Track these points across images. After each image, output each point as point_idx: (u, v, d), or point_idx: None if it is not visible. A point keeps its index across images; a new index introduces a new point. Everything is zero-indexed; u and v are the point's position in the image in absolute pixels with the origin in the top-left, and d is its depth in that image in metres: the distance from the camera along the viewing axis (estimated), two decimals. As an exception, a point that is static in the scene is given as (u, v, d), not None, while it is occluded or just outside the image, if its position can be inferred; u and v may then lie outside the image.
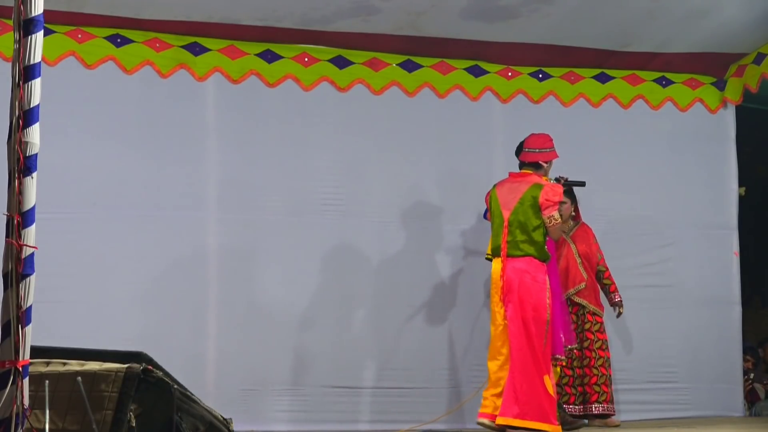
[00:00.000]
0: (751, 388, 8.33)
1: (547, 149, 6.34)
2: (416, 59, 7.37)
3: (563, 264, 6.89)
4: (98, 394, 3.74)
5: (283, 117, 7.08)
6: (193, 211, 6.88)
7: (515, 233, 6.06)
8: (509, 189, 6.21)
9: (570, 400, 6.77)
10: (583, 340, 6.85)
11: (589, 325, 6.88)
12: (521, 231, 6.05)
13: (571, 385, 6.80)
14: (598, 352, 6.82)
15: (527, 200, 6.10)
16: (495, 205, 6.24)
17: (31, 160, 3.16)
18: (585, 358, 6.82)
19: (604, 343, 6.90)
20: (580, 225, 7.10)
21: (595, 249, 7.04)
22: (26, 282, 3.13)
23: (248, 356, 6.86)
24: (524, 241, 6.04)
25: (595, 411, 6.79)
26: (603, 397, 6.79)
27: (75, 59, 6.70)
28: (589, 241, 7.04)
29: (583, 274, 6.91)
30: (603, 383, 6.81)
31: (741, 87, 7.85)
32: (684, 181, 7.84)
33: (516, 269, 6.02)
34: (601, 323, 6.91)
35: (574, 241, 6.99)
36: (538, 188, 6.11)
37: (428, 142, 7.26)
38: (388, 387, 7.00)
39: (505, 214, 6.13)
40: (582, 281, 6.90)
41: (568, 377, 6.79)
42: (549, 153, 6.35)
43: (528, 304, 5.96)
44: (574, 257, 6.94)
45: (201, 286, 6.85)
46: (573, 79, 7.69)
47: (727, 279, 7.87)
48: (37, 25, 3.22)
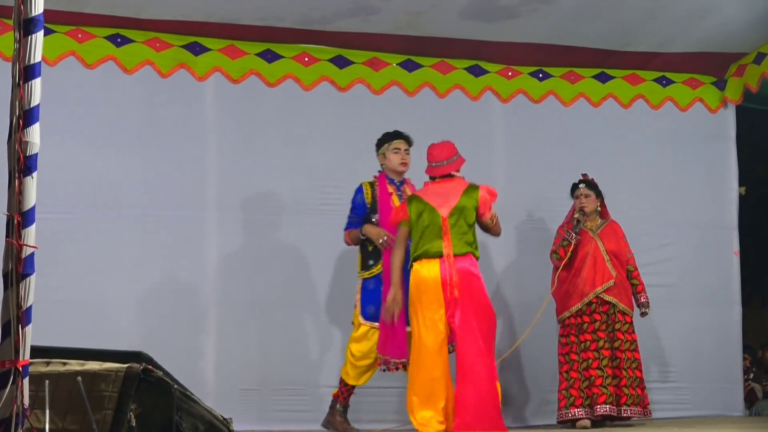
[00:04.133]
0: (750, 388, 8.32)
1: (454, 158, 6.00)
2: (416, 59, 7.37)
3: (590, 262, 6.76)
4: (98, 394, 3.73)
5: (283, 117, 7.08)
6: (193, 211, 6.88)
7: (457, 231, 5.77)
8: (439, 193, 5.91)
9: (599, 399, 6.57)
10: (614, 340, 6.69)
11: (619, 325, 6.71)
12: (463, 229, 5.78)
13: (601, 385, 6.61)
14: (627, 354, 6.66)
15: (467, 201, 5.83)
16: (425, 209, 5.84)
17: (32, 160, 3.16)
18: (616, 359, 6.66)
19: (633, 344, 6.73)
20: (608, 222, 6.96)
21: (624, 247, 6.90)
22: (26, 282, 3.13)
23: (248, 356, 6.86)
24: (466, 239, 5.77)
25: (624, 414, 6.63)
26: (631, 400, 6.61)
27: (75, 59, 6.70)
28: (619, 238, 6.90)
29: (611, 272, 6.74)
30: (631, 385, 6.63)
31: (741, 87, 7.85)
32: (684, 181, 7.84)
33: (462, 270, 5.71)
34: (630, 323, 6.75)
35: (602, 238, 6.83)
36: (474, 189, 5.88)
37: (428, 142, 7.24)
38: (388, 387, 7.00)
39: (444, 213, 5.80)
40: (611, 279, 6.73)
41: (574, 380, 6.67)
42: (457, 161, 6.01)
43: (479, 307, 5.72)
44: (602, 255, 6.78)
45: (201, 286, 6.86)
46: (573, 79, 7.69)
47: (727, 279, 7.87)
48: (37, 25, 3.21)
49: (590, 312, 6.73)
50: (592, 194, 6.89)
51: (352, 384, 6.26)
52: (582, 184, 6.94)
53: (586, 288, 6.75)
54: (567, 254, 6.78)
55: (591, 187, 6.93)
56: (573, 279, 6.81)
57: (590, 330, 6.71)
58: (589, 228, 6.89)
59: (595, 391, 6.62)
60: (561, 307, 6.85)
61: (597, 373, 6.62)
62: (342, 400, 6.27)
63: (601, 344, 6.66)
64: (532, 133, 7.52)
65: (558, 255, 6.85)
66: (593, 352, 6.66)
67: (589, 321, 6.72)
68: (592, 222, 6.92)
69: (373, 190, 6.28)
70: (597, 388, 6.62)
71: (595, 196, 6.91)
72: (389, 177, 6.32)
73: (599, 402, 6.59)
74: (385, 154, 6.33)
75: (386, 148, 6.33)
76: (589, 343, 6.69)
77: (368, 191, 6.28)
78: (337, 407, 6.26)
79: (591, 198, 6.88)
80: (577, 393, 6.66)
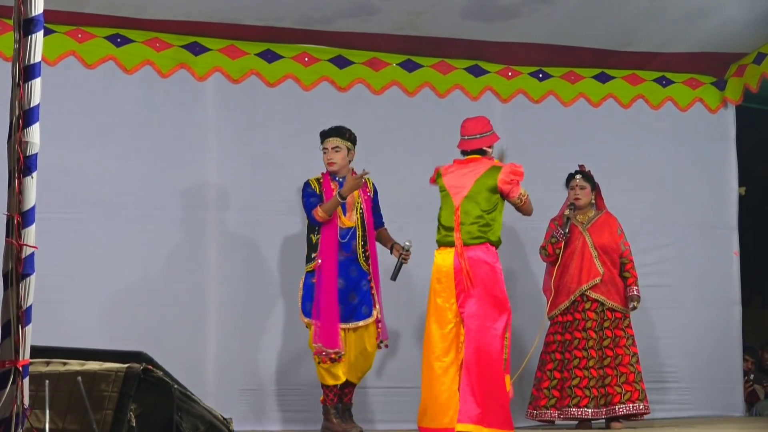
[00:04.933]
0: (752, 390, 8.31)
1: (488, 133, 5.91)
2: (416, 59, 7.37)
3: (577, 258, 6.67)
4: (98, 394, 3.73)
5: (283, 117, 7.08)
6: (193, 211, 6.89)
7: (468, 221, 5.69)
8: (458, 175, 5.83)
9: (581, 403, 6.53)
10: (603, 338, 6.59)
11: (608, 323, 6.60)
12: (476, 217, 5.69)
13: (585, 387, 6.54)
14: (618, 350, 6.56)
15: (483, 185, 5.74)
16: (443, 190, 5.85)
17: (31, 160, 3.16)
18: (606, 358, 6.56)
19: (629, 339, 6.61)
20: (601, 215, 6.83)
21: (618, 240, 6.76)
22: (26, 282, 3.13)
23: (248, 356, 6.86)
24: (480, 227, 5.70)
25: (620, 412, 6.51)
26: (626, 397, 6.50)
27: (75, 59, 6.70)
28: (612, 232, 6.77)
29: (599, 268, 6.63)
30: (626, 382, 6.53)
31: (741, 87, 7.85)
32: (684, 181, 7.84)
33: (474, 259, 5.63)
34: (620, 318, 6.62)
35: (591, 233, 6.72)
36: (495, 170, 5.78)
37: (428, 142, 7.26)
38: (389, 386, 7.00)
39: (456, 202, 5.74)
40: (597, 276, 6.62)
41: (557, 380, 6.61)
42: (490, 137, 5.92)
43: (490, 296, 5.60)
44: (590, 250, 6.67)
45: (201, 286, 6.86)
46: (573, 79, 7.69)
47: (727, 279, 7.87)
48: (37, 25, 3.21)
49: (582, 309, 6.64)
50: (588, 186, 6.81)
51: (331, 383, 6.16)
52: (578, 175, 6.86)
53: (572, 285, 6.67)
54: (555, 251, 6.73)
55: (586, 179, 6.84)
56: (562, 276, 6.72)
57: (580, 328, 6.62)
58: (579, 222, 6.79)
59: (577, 393, 6.55)
60: (551, 304, 6.75)
61: (583, 374, 6.55)
62: (330, 402, 6.18)
63: (590, 344, 6.58)
64: (532, 133, 7.52)
65: (546, 251, 6.79)
66: (581, 351, 6.58)
67: (580, 318, 6.64)
68: (583, 215, 6.81)
69: (319, 185, 6.25)
70: (580, 390, 6.55)
71: (591, 188, 6.83)
72: (332, 174, 6.26)
73: (581, 405, 6.53)
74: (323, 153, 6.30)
75: (321, 147, 6.27)
76: (578, 341, 6.60)
77: (316, 187, 6.24)
78: (330, 411, 6.18)
79: (586, 190, 6.80)
80: (559, 394, 6.60)
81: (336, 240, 6.13)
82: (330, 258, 6.10)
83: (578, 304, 6.67)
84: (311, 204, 6.16)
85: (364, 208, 6.24)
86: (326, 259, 6.09)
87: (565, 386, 6.59)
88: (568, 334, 6.66)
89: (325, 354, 6.03)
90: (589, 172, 6.89)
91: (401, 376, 6.98)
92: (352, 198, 6.19)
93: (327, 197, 6.14)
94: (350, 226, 6.19)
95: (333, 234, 6.12)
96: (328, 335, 6.02)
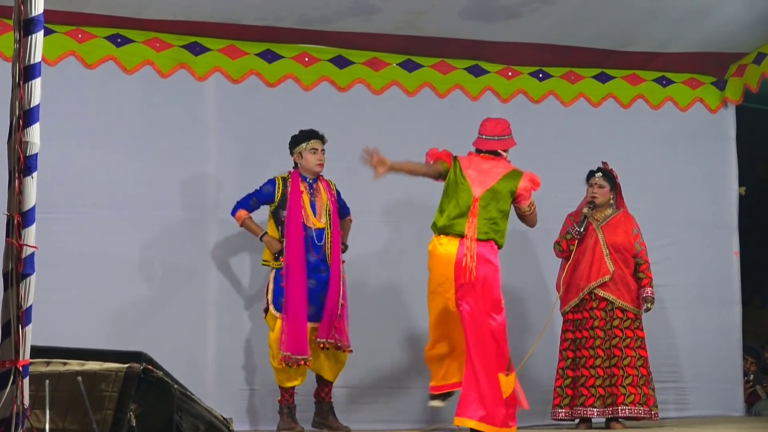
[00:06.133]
0: (753, 390, 8.30)
1: (506, 136, 5.90)
2: (416, 59, 7.37)
3: (588, 255, 6.64)
4: (98, 394, 3.74)
5: (283, 117, 7.08)
6: (193, 211, 6.89)
7: (485, 215, 5.63)
8: (480, 169, 5.75)
9: (587, 402, 6.51)
10: (612, 337, 6.55)
11: (617, 322, 6.55)
12: (492, 213, 5.64)
13: (591, 386, 6.52)
14: (627, 351, 6.51)
15: (505, 185, 5.71)
16: (461, 177, 5.74)
17: (31, 160, 3.16)
18: (613, 357, 6.52)
19: (638, 341, 6.56)
20: (618, 214, 6.79)
21: (633, 241, 6.70)
22: (26, 282, 3.13)
23: (248, 356, 6.86)
24: (493, 225, 5.63)
25: (621, 414, 6.48)
26: (630, 399, 6.45)
27: (75, 59, 6.70)
28: (628, 231, 6.72)
29: (609, 267, 6.58)
30: (631, 384, 6.48)
31: (741, 87, 7.85)
32: (684, 181, 7.84)
33: (480, 255, 5.55)
34: (631, 319, 6.57)
35: (605, 230, 6.67)
36: (517, 175, 5.77)
37: (428, 142, 7.24)
38: (389, 386, 7.00)
39: (476, 192, 5.66)
40: (606, 274, 6.57)
41: (570, 378, 6.63)
42: (508, 140, 5.90)
43: (488, 297, 5.56)
44: (601, 248, 6.63)
45: (201, 286, 6.86)
46: (573, 79, 7.69)
47: (727, 279, 7.87)
48: (37, 25, 3.21)
49: (590, 308, 6.62)
50: (607, 186, 6.78)
51: (288, 386, 6.23)
52: (599, 173, 6.83)
53: (581, 282, 6.65)
54: (569, 247, 6.71)
55: (607, 177, 6.81)
56: (573, 272, 6.71)
57: (588, 326, 6.60)
58: (595, 219, 6.76)
59: (584, 392, 6.54)
60: (563, 301, 6.75)
61: (590, 373, 6.54)
62: (284, 402, 6.27)
63: (597, 342, 6.55)
64: (532, 133, 7.51)
65: (560, 247, 6.77)
66: (589, 350, 6.57)
67: (588, 317, 6.62)
68: (600, 213, 6.79)
69: (285, 185, 6.29)
70: (586, 389, 6.54)
71: (610, 187, 6.80)
72: (303, 175, 6.33)
73: (587, 404, 6.52)
74: (302, 153, 6.34)
75: (303, 148, 6.34)
76: (586, 340, 6.59)
77: (280, 186, 6.30)
78: (284, 410, 6.26)
79: (604, 189, 6.77)
80: (573, 393, 6.61)
81: (302, 241, 6.17)
82: (297, 260, 6.15)
83: (587, 302, 6.65)
84: (245, 200, 6.33)
85: (331, 210, 6.32)
86: (293, 261, 6.14)
87: (578, 385, 6.60)
88: (578, 332, 6.66)
89: (293, 361, 6.09)
90: (611, 171, 6.85)
91: (410, 376, 6.99)
92: (321, 200, 6.29)
93: (292, 196, 6.24)
94: (321, 227, 6.25)
95: (299, 236, 6.16)
96: (295, 342, 6.08)
